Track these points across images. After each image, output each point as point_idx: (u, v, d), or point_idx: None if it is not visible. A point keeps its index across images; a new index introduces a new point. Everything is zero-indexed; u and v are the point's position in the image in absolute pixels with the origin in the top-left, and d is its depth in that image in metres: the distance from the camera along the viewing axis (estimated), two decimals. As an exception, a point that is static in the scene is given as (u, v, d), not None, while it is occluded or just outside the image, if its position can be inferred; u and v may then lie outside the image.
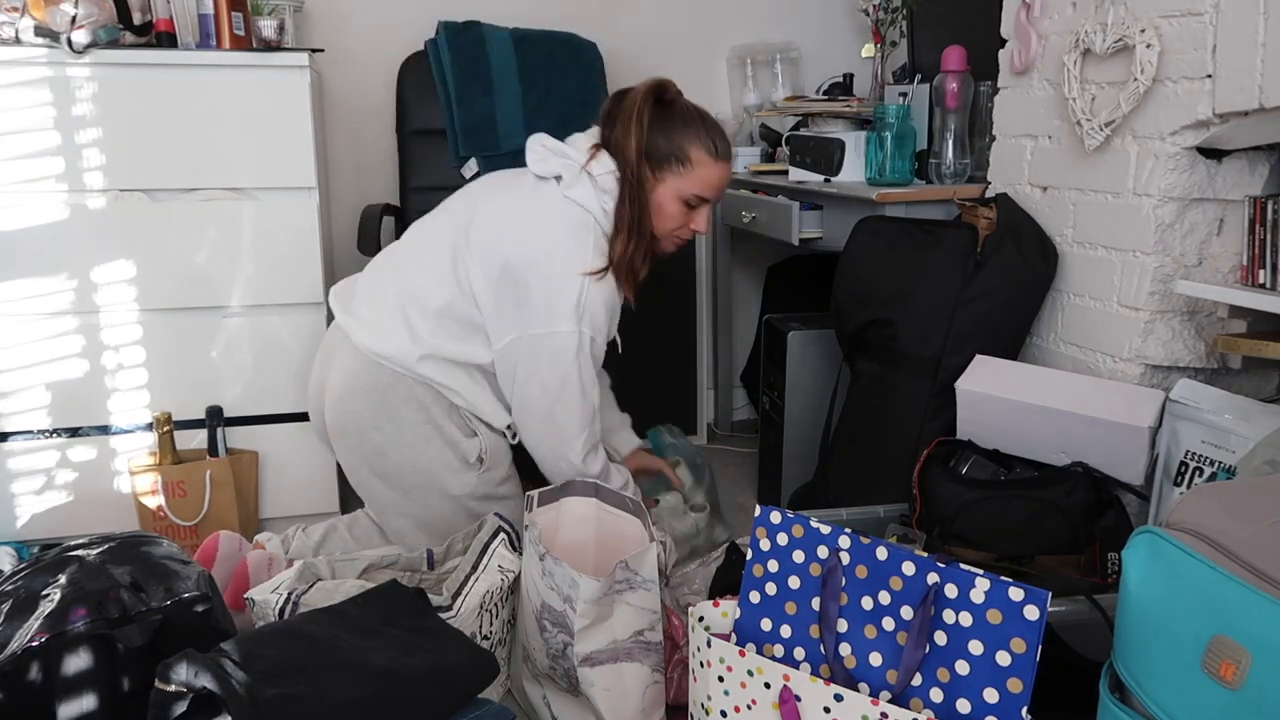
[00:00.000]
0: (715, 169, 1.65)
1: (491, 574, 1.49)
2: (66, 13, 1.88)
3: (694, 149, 1.63)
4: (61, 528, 2.05)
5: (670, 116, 1.64)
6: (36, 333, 2.00)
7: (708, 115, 1.68)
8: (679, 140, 1.63)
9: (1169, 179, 1.51)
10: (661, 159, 1.63)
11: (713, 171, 1.65)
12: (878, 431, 1.80)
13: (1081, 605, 1.24)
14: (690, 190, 1.65)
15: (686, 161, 1.63)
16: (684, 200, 1.66)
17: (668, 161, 1.63)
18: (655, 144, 1.63)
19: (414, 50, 2.50)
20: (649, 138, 1.62)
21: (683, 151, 1.63)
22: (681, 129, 1.63)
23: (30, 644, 1.14)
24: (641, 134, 1.62)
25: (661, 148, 1.63)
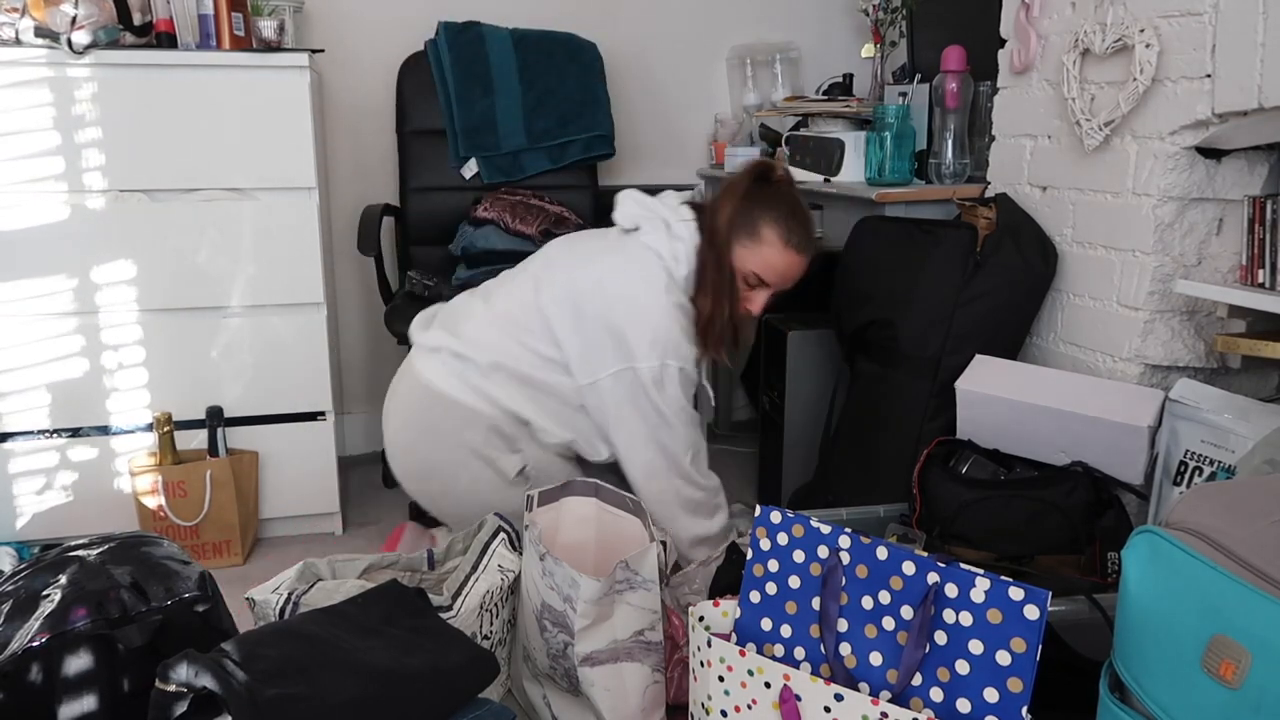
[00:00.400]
0: (782, 255, 1.63)
1: (492, 574, 1.49)
2: (66, 13, 1.88)
3: (767, 228, 1.62)
4: (62, 528, 2.05)
5: (763, 195, 1.64)
6: (36, 333, 2.00)
7: (800, 206, 1.67)
8: (758, 215, 1.62)
9: (1168, 179, 1.51)
10: (738, 229, 1.63)
11: (778, 256, 1.63)
12: (878, 431, 1.80)
13: (1081, 605, 1.25)
14: (750, 266, 1.64)
15: (756, 237, 1.62)
16: (745, 277, 1.65)
17: (741, 233, 1.63)
18: (739, 217, 1.63)
19: (414, 50, 2.50)
20: (737, 212, 1.63)
21: (755, 227, 1.62)
22: (765, 208, 1.63)
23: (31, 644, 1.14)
24: (735, 203, 1.63)
25: (741, 219, 1.63)
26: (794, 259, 1.65)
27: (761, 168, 1.68)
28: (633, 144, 2.83)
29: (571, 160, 2.54)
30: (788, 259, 1.64)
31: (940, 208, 1.92)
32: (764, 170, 1.68)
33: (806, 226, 1.66)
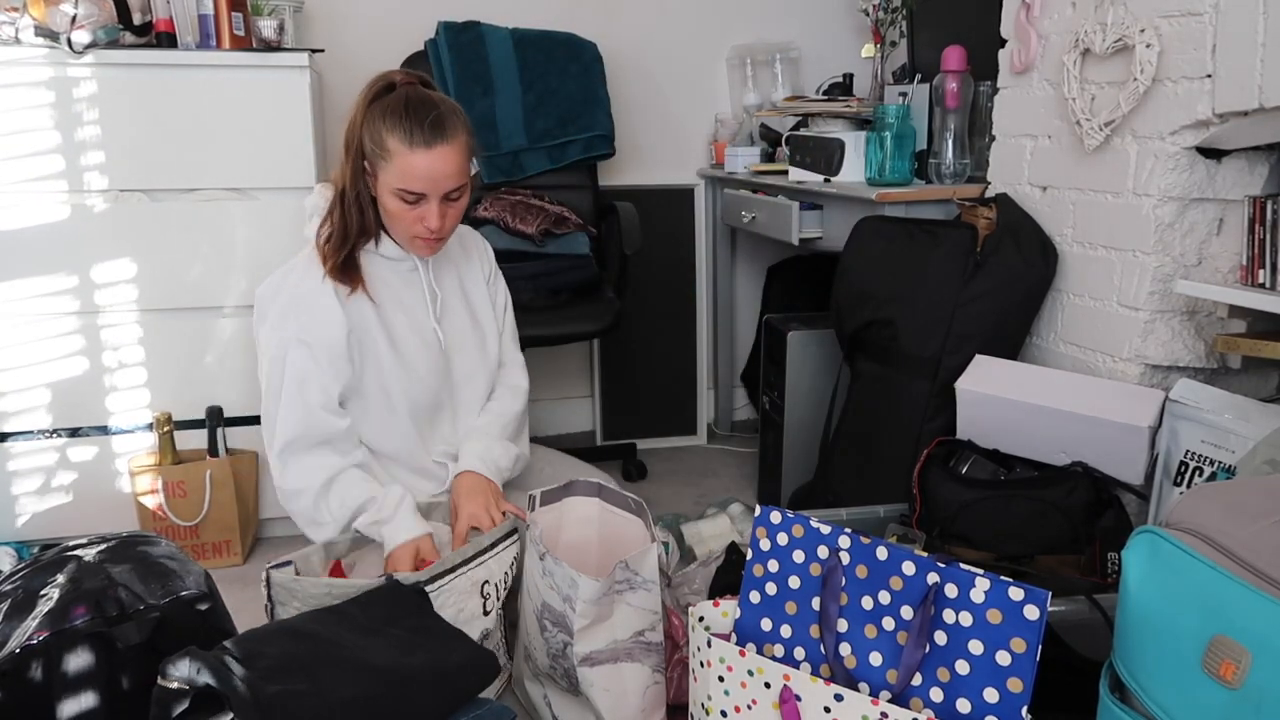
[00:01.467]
0: (414, 158, 1.49)
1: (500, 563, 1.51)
2: (66, 13, 1.88)
3: (389, 137, 1.50)
4: (61, 528, 2.04)
5: (380, 109, 1.52)
6: (37, 333, 2.00)
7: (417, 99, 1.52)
8: (378, 130, 1.51)
9: (1169, 179, 1.51)
10: (370, 155, 1.53)
11: (412, 161, 1.49)
12: (878, 431, 1.80)
13: (1081, 605, 1.24)
14: (395, 183, 1.51)
15: (386, 153, 1.51)
16: (398, 196, 1.52)
17: (374, 156, 1.53)
18: (365, 140, 1.53)
19: (414, 50, 2.50)
20: (361, 135, 1.53)
21: (380, 142, 1.51)
22: (384, 119, 1.50)
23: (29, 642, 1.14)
24: (358, 129, 1.54)
25: (367, 143, 1.53)
26: (426, 157, 1.49)
27: (379, 83, 1.56)
28: (633, 144, 2.83)
29: (571, 160, 2.54)
30: (420, 160, 1.49)
31: (940, 208, 1.92)
32: (382, 84, 1.56)
33: (427, 116, 1.50)
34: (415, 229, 1.55)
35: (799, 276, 2.92)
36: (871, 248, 1.84)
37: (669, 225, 2.80)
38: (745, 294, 3.01)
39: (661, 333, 2.83)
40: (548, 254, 2.35)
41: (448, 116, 1.52)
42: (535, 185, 2.50)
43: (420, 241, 1.58)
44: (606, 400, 2.83)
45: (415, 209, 1.53)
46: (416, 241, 1.58)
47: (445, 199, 1.54)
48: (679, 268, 2.82)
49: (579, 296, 2.34)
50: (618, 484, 1.60)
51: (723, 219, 2.80)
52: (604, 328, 2.23)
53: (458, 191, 1.55)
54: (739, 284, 2.98)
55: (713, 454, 2.82)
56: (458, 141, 1.52)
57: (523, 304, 2.20)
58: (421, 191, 1.51)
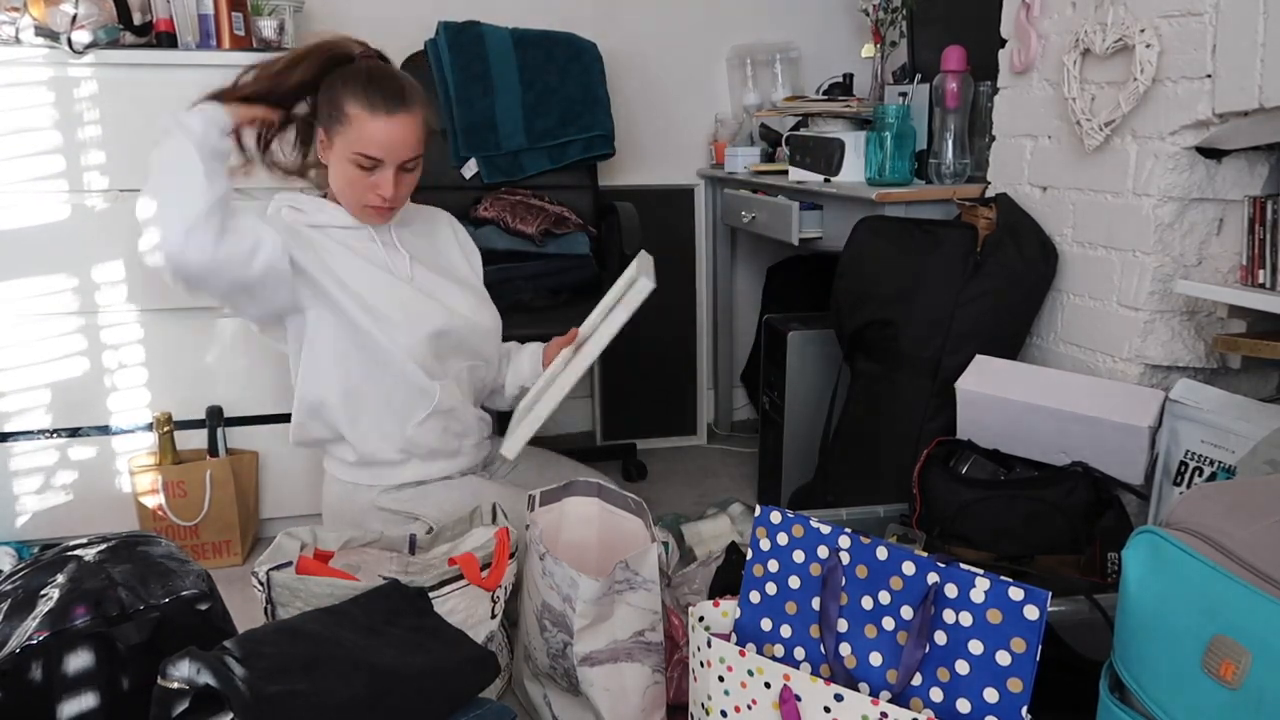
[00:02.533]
0: (372, 124, 1.52)
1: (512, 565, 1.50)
2: (66, 13, 1.88)
3: (350, 103, 1.52)
4: (61, 528, 2.04)
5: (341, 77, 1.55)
6: (37, 332, 2.00)
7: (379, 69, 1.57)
8: (338, 96, 1.53)
9: (1169, 179, 1.51)
10: (326, 120, 1.55)
11: (373, 127, 1.52)
12: (878, 431, 1.80)
13: (1081, 605, 1.24)
14: (351, 149, 1.53)
15: (344, 118, 1.53)
16: (354, 162, 1.54)
17: (331, 121, 1.54)
18: (321, 106, 1.56)
19: (414, 50, 2.50)
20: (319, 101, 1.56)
21: (340, 107, 1.53)
22: (344, 86, 1.53)
23: (30, 642, 1.14)
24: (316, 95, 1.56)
25: (324, 109, 1.54)
26: (387, 123, 1.52)
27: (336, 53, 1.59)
28: (633, 144, 2.83)
29: (571, 160, 2.54)
30: (380, 126, 1.52)
31: (940, 208, 1.92)
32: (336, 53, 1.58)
33: (390, 85, 1.54)
34: (368, 196, 1.58)
35: (799, 276, 2.92)
36: (871, 248, 1.84)
37: (669, 225, 2.80)
38: (745, 294, 3.01)
39: (661, 333, 2.83)
40: (548, 254, 2.35)
41: (409, 87, 1.57)
42: (535, 185, 2.50)
43: (372, 210, 1.60)
44: (606, 400, 2.83)
45: (370, 176, 1.56)
46: (368, 210, 1.60)
47: (401, 168, 1.57)
48: (679, 268, 2.82)
49: (579, 296, 2.34)
50: (618, 484, 1.60)
51: (723, 219, 2.80)
52: (604, 328, 2.23)
53: (413, 162, 1.59)
54: (739, 284, 2.98)
55: (713, 454, 2.82)
56: (418, 112, 1.56)
57: (523, 304, 2.20)
58: (379, 157, 1.54)
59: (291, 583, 1.35)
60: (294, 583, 1.35)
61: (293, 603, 1.35)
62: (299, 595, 1.35)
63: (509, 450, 1.64)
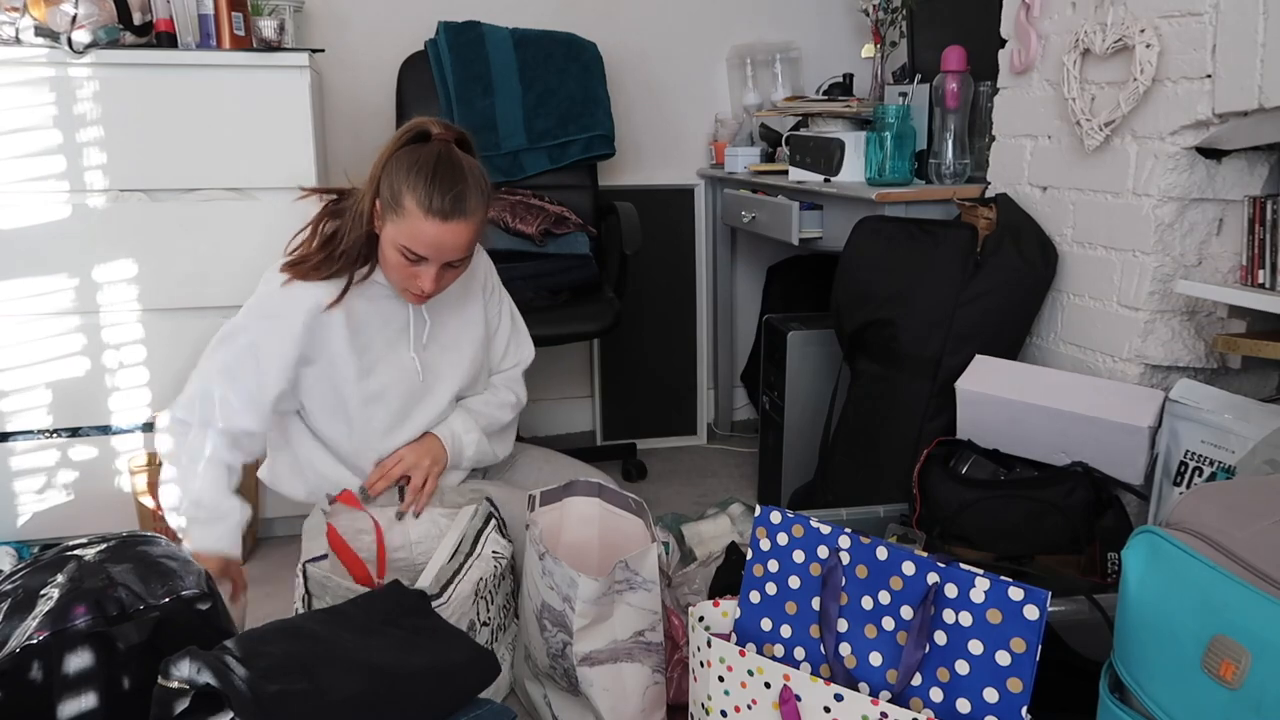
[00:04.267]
0: (425, 225, 1.46)
1: (485, 561, 1.50)
2: (67, 13, 1.88)
3: (408, 196, 1.46)
4: (61, 528, 2.05)
5: (409, 161, 1.49)
6: (37, 332, 2.00)
7: (447, 164, 1.48)
8: (399, 184, 1.47)
9: (1169, 179, 1.51)
10: (385, 201, 1.50)
11: (423, 228, 1.46)
12: (878, 431, 1.80)
13: (1081, 605, 1.24)
14: (400, 240, 1.49)
15: (400, 209, 1.48)
16: (400, 250, 1.50)
17: (388, 205, 1.50)
18: (384, 185, 1.50)
19: (414, 50, 2.50)
20: (382, 178, 1.50)
21: (398, 197, 1.47)
22: (408, 175, 1.47)
23: (29, 642, 1.14)
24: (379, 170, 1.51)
25: (385, 190, 1.50)
26: (438, 228, 1.46)
27: (416, 128, 1.53)
28: (633, 144, 2.83)
29: (571, 160, 2.54)
30: (434, 229, 1.46)
31: (940, 208, 1.92)
32: (418, 130, 1.53)
33: (458, 189, 1.47)
34: (408, 284, 1.54)
35: (799, 276, 2.92)
36: (871, 248, 1.84)
37: (669, 225, 2.80)
38: (745, 294, 3.01)
39: (661, 333, 2.83)
40: (548, 254, 2.35)
41: (471, 193, 1.49)
42: (535, 185, 2.50)
43: (409, 295, 1.57)
44: (606, 400, 2.83)
45: (413, 267, 1.51)
46: (406, 294, 1.57)
47: (445, 265, 1.52)
48: (679, 268, 2.82)
49: (579, 296, 2.34)
50: (618, 484, 1.60)
51: (723, 219, 2.80)
52: (604, 328, 2.24)
53: (461, 261, 1.54)
54: (739, 284, 2.98)
55: (713, 454, 2.82)
56: (475, 219, 1.50)
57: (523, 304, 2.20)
58: (425, 255, 1.49)
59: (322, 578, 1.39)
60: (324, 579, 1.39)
61: (323, 597, 1.38)
62: (328, 590, 1.38)
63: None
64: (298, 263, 1.56)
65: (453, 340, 1.71)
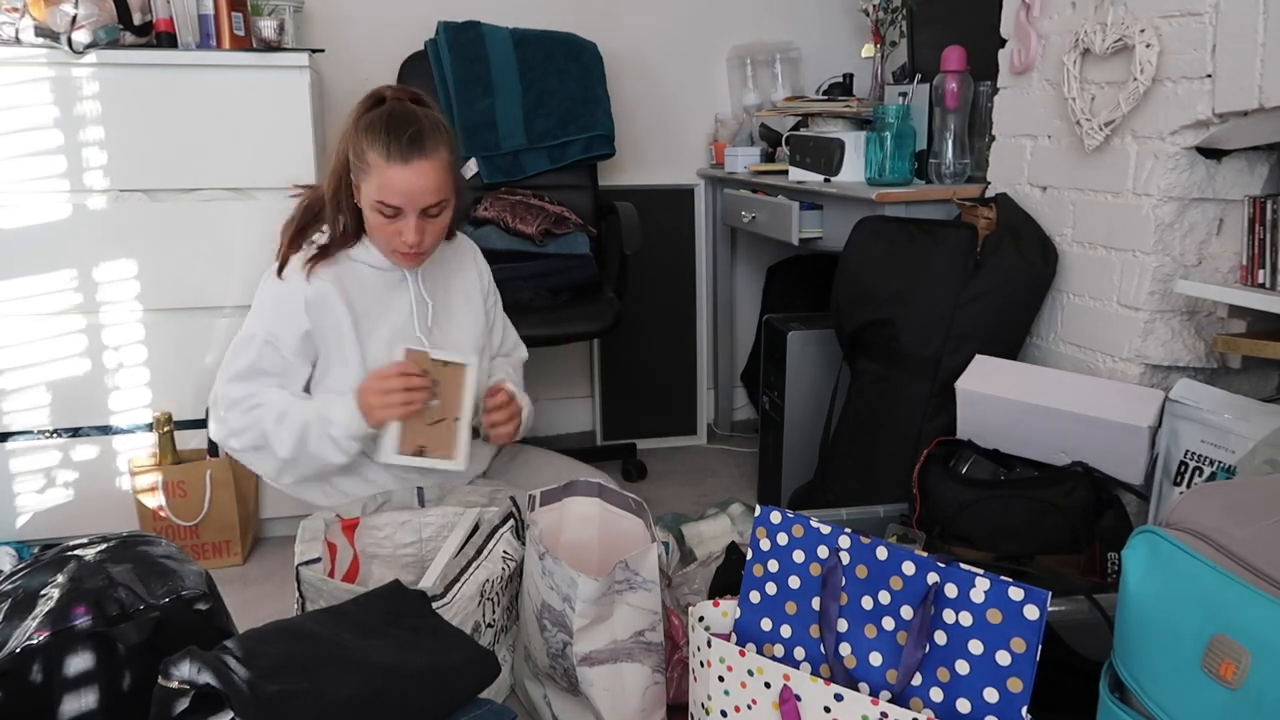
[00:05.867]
0: (390, 172, 1.48)
1: (494, 562, 1.50)
2: (67, 13, 1.88)
3: (369, 151, 1.50)
4: (61, 528, 2.04)
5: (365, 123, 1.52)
6: (37, 332, 2.00)
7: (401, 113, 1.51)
8: (360, 144, 1.51)
9: (1169, 179, 1.51)
10: (354, 167, 1.53)
11: (389, 176, 1.48)
12: (878, 431, 1.80)
13: (1081, 605, 1.24)
14: (374, 196, 1.51)
15: (366, 166, 1.51)
16: (377, 209, 1.52)
17: (356, 169, 1.53)
18: (350, 153, 1.53)
19: (414, 50, 2.50)
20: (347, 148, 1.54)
21: (361, 155, 1.51)
22: (366, 132, 1.50)
23: (29, 642, 1.14)
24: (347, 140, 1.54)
25: (351, 156, 1.53)
26: (402, 171, 1.48)
27: (369, 97, 1.56)
28: (633, 144, 2.83)
29: (571, 160, 2.54)
30: (396, 174, 1.48)
31: (940, 208, 1.92)
32: (372, 97, 1.56)
33: (406, 131, 1.49)
34: (394, 242, 1.56)
35: (799, 276, 2.92)
36: (871, 248, 1.84)
37: (669, 225, 2.80)
38: (745, 294, 3.01)
39: (661, 333, 2.83)
40: (548, 254, 2.35)
41: (428, 132, 1.51)
42: (535, 185, 2.50)
43: (399, 255, 1.58)
44: (606, 400, 2.83)
45: (393, 223, 1.53)
46: (396, 254, 1.58)
47: (424, 214, 1.53)
48: (679, 268, 2.82)
49: (579, 296, 2.34)
50: (618, 484, 1.60)
51: (723, 219, 2.80)
52: (604, 328, 2.24)
53: (436, 208, 1.55)
54: (739, 284, 2.98)
55: (713, 454, 2.82)
56: (437, 158, 1.51)
57: (523, 304, 2.20)
58: (398, 205, 1.51)
59: (317, 581, 1.38)
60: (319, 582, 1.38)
61: (318, 600, 1.38)
62: (323, 594, 1.37)
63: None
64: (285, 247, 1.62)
65: (457, 323, 1.73)
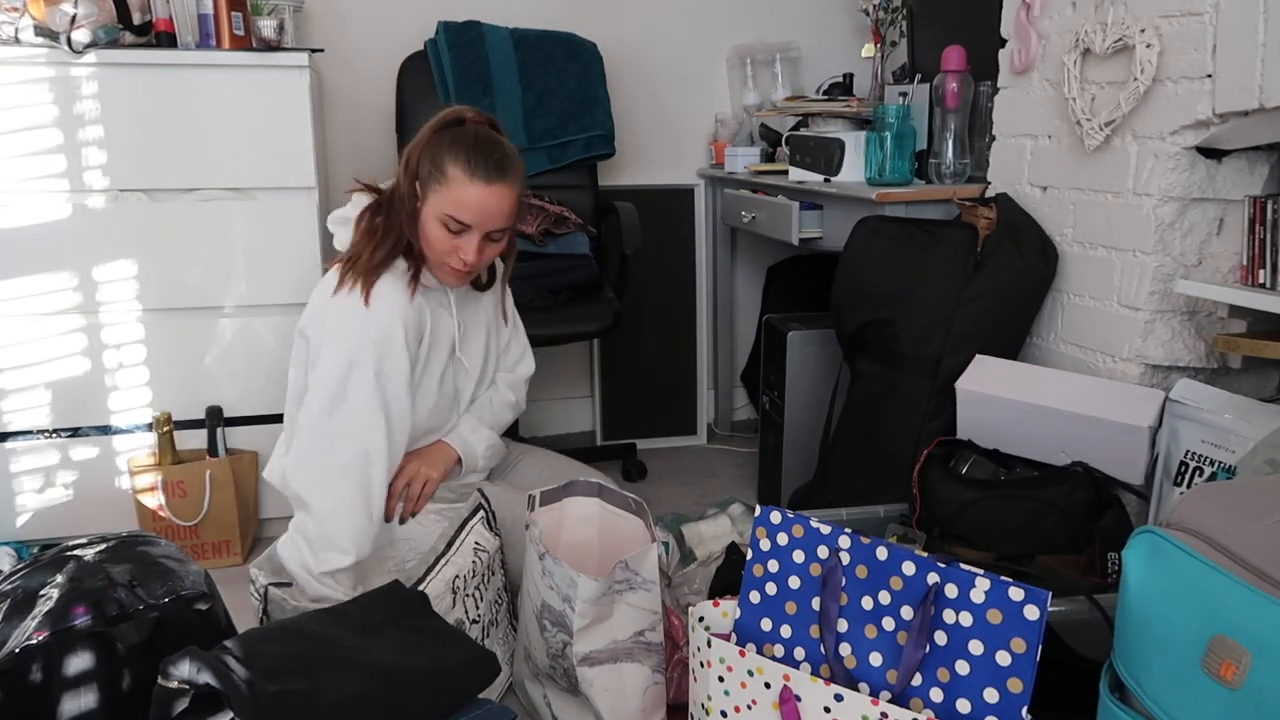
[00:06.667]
0: (471, 189, 1.50)
1: (464, 556, 1.49)
2: (66, 12, 1.88)
3: (451, 165, 1.51)
4: (61, 528, 2.04)
5: (449, 138, 1.53)
6: (37, 332, 2.00)
7: (486, 138, 1.54)
8: (441, 156, 1.52)
9: (1169, 179, 1.51)
10: (425, 176, 1.53)
11: (468, 192, 1.50)
12: (878, 431, 1.80)
13: (1081, 605, 1.24)
14: (445, 209, 1.51)
15: (443, 177, 1.51)
16: (443, 222, 1.52)
17: (429, 178, 1.53)
18: (423, 162, 1.54)
19: (414, 50, 2.50)
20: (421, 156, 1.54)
21: (441, 166, 1.52)
22: (450, 147, 1.52)
23: (29, 642, 1.14)
24: (420, 149, 1.54)
25: (425, 165, 1.53)
26: (483, 191, 1.50)
27: (451, 114, 1.58)
28: (633, 144, 2.83)
29: (571, 160, 2.54)
30: (480, 192, 1.50)
31: (940, 208, 1.92)
32: (454, 116, 1.58)
33: (497, 156, 1.52)
34: (450, 258, 1.55)
35: (799, 276, 2.92)
36: (871, 248, 1.84)
37: (669, 225, 2.80)
38: (745, 294, 3.01)
39: (661, 333, 2.83)
40: (548, 254, 2.35)
41: (511, 159, 1.56)
42: (535, 185, 2.50)
43: (450, 270, 1.57)
44: (606, 400, 2.83)
45: (456, 239, 1.53)
46: (446, 269, 1.57)
47: (487, 236, 1.55)
48: (679, 268, 2.82)
49: (579, 296, 2.34)
50: (618, 484, 1.60)
51: (723, 219, 2.80)
52: (604, 328, 2.24)
53: (500, 233, 1.57)
54: (739, 284, 2.98)
55: (713, 454, 2.82)
56: (516, 185, 1.56)
57: (523, 304, 2.20)
58: (468, 223, 1.52)
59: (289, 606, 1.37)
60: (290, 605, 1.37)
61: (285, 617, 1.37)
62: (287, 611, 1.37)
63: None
64: (353, 260, 1.56)
65: (473, 339, 1.73)
